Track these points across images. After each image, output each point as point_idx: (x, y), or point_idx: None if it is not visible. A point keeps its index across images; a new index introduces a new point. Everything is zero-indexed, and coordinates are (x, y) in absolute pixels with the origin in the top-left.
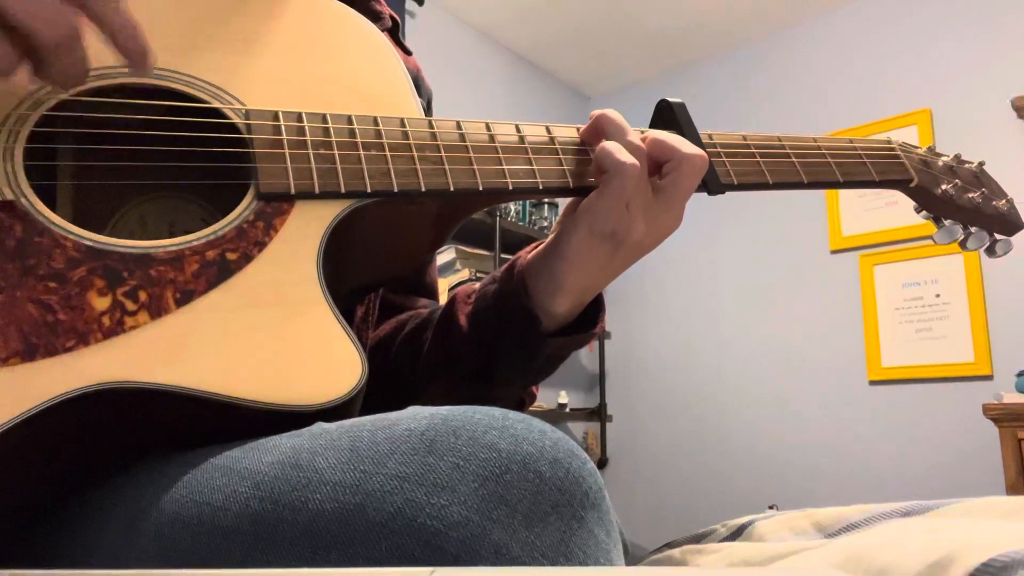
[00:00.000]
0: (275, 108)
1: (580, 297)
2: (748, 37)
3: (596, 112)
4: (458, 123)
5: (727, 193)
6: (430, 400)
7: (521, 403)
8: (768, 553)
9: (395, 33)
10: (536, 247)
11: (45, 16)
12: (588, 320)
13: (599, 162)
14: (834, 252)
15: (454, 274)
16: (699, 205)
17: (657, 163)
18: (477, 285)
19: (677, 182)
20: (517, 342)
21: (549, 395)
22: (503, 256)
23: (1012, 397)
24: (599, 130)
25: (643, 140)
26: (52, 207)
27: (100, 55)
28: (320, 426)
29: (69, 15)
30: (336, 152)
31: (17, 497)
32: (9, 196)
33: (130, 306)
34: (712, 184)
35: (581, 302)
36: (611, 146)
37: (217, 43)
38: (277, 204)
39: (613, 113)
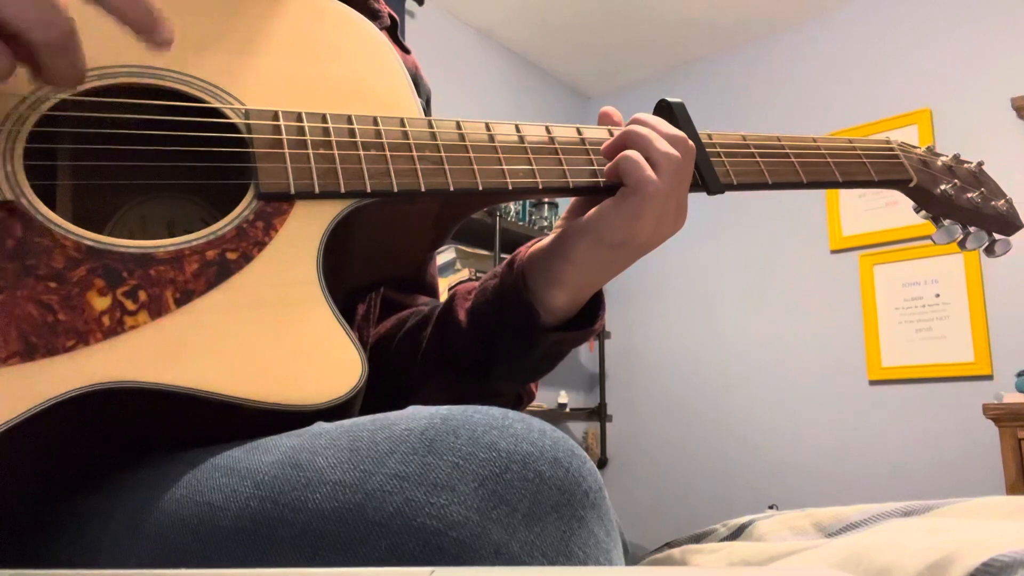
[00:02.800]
0: (275, 108)
1: (579, 292)
2: (748, 37)
3: (627, 122)
4: (458, 123)
5: (726, 193)
6: (429, 396)
7: (519, 400)
8: (768, 553)
9: (394, 32)
10: (537, 242)
11: (38, 17)
12: (588, 316)
13: (622, 173)
14: (834, 252)
15: (454, 274)
16: (699, 205)
17: None
18: (478, 283)
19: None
20: (515, 336)
21: (549, 395)
22: (503, 256)
23: (1012, 397)
24: (625, 140)
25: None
26: (52, 207)
27: (99, 54)
28: (320, 426)
29: (62, 15)
30: (336, 152)
31: (17, 497)
32: (9, 196)
33: (130, 306)
34: (711, 184)
35: (580, 298)
36: (635, 156)
37: (217, 43)
38: (277, 204)
39: (646, 119)
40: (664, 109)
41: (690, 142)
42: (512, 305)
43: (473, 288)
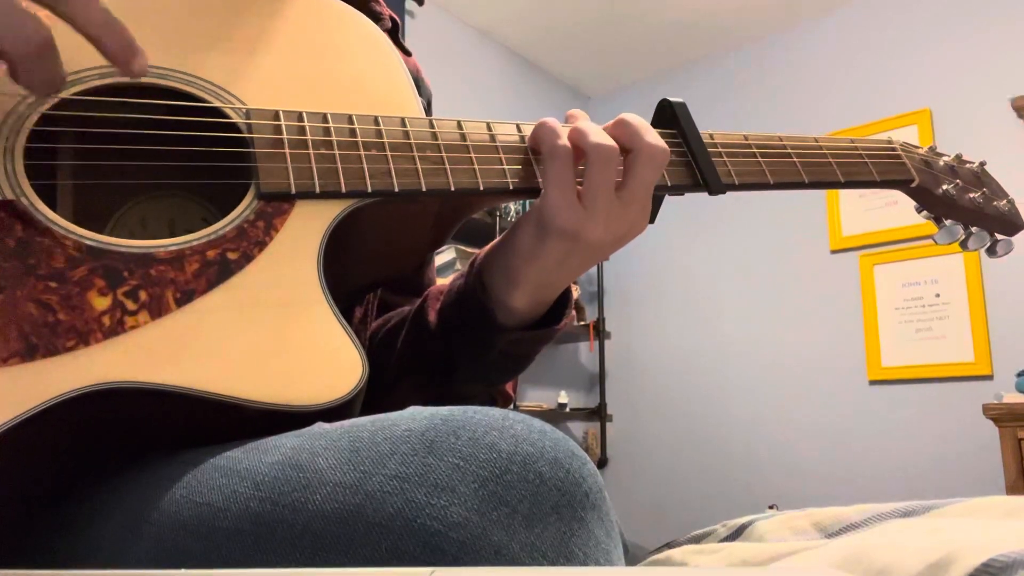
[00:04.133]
0: (276, 108)
1: (538, 293)
2: (748, 36)
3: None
4: (459, 123)
5: (728, 193)
6: (402, 397)
7: (493, 403)
8: (768, 553)
9: (395, 34)
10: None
11: (12, 32)
12: (553, 317)
13: (535, 140)
14: (834, 252)
15: (454, 273)
16: (699, 205)
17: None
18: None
19: (635, 175)
20: (472, 336)
21: (549, 395)
22: None
23: (1012, 397)
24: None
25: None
26: (52, 206)
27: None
28: (320, 426)
29: (36, 28)
30: (337, 152)
31: (17, 497)
32: (9, 195)
33: (130, 306)
34: (713, 184)
35: (541, 298)
36: (552, 123)
37: (218, 42)
38: (278, 204)
39: (621, 119)
40: (666, 109)
41: (657, 144)
42: (469, 305)
43: (445, 288)
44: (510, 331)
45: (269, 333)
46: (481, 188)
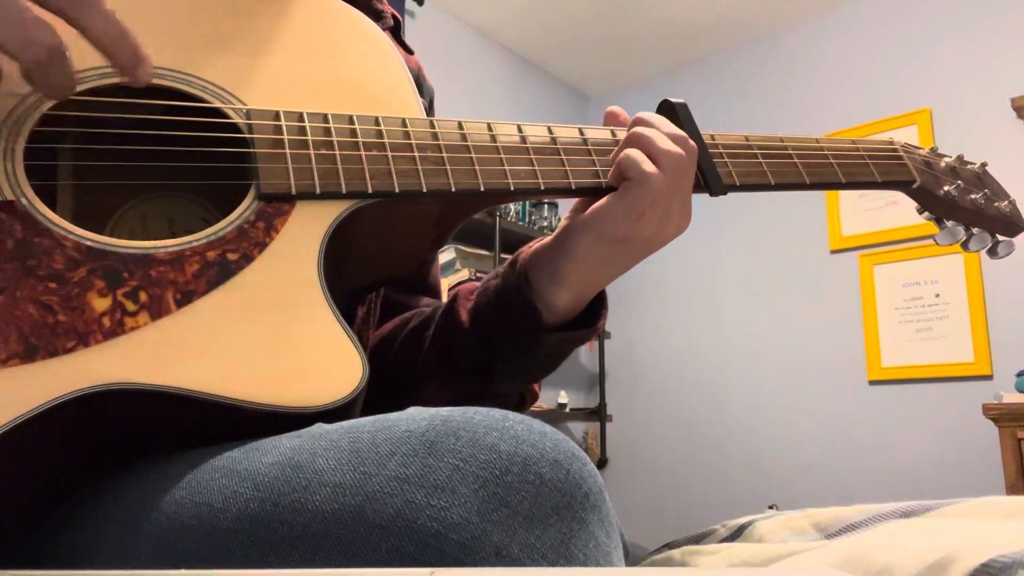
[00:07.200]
0: (277, 108)
1: (582, 291)
2: (748, 37)
3: (630, 122)
4: (460, 123)
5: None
6: (431, 396)
7: (522, 400)
8: (768, 553)
9: (396, 32)
10: (540, 241)
11: (20, 38)
12: (590, 316)
13: (623, 169)
14: (834, 252)
15: (454, 273)
16: (700, 205)
17: None
18: (480, 283)
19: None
20: (517, 335)
21: (549, 395)
22: (503, 256)
23: (1012, 397)
24: (629, 141)
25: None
26: (52, 207)
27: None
28: (320, 427)
29: (45, 35)
30: (337, 152)
31: (17, 497)
32: (9, 196)
33: (130, 307)
34: (714, 185)
35: (583, 297)
36: (636, 154)
37: (219, 43)
38: (278, 204)
39: (648, 119)
40: (667, 110)
41: (691, 141)
42: (514, 305)
43: (475, 288)
44: (556, 331)
45: (269, 334)
46: (482, 188)
